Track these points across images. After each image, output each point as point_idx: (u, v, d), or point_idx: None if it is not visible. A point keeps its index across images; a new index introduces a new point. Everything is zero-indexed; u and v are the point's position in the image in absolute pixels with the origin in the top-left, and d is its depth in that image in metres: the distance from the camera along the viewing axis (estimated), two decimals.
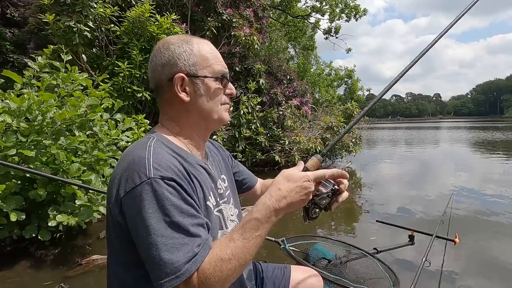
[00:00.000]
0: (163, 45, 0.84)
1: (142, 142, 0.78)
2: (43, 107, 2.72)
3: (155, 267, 0.64)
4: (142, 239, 0.65)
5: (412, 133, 24.28)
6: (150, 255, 0.64)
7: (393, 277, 1.54)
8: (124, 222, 0.69)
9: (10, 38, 6.54)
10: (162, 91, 0.85)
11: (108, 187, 0.76)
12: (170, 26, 4.73)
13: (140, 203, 0.65)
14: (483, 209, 4.37)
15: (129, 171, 0.69)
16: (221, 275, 0.66)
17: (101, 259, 2.82)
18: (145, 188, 0.66)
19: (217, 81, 0.84)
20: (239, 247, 0.69)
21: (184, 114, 0.85)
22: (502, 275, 2.59)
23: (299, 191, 0.75)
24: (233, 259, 0.67)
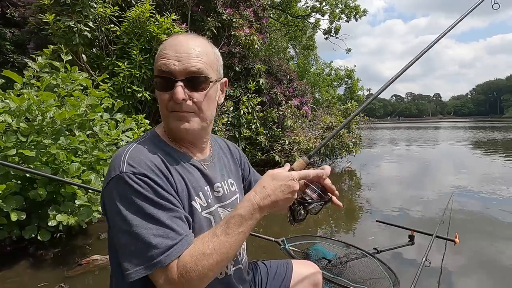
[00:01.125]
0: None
1: (136, 139, 0.84)
2: (42, 107, 2.72)
3: (127, 257, 0.65)
4: (116, 230, 0.68)
5: (412, 133, 24.27)
6: (122, 244, 0.66)
7: (393, 277, 1.54)
8: (105, 213, 0.74)
9: (10, 38, 6.54)
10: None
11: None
12: (170, 26, 4.72)
13: (114, 196, 0.68)
14: (483, 209, 4.37)
15: (109, 167, 0.74)
16: (202, 270, 0.66)
17: (101, 259, 2.82)
18: (118, 182, 0.69)
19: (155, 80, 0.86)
20: (222, 242, 0.69)
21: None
22: (502, 275, 2.59)
23: (284, 189, 0.75)
24: (215, 254, 0.67)
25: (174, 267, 0.66)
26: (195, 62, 0.77)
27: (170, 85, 0.78)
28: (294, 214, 0.84)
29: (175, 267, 0.66)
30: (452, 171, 7.63)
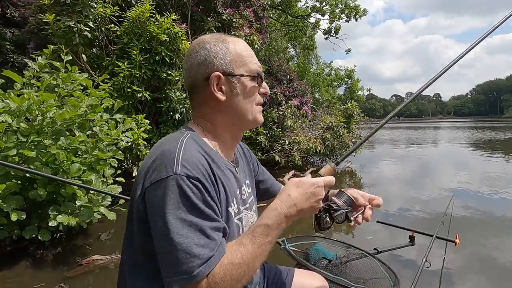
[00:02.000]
0: (198, 44, 0.82)
1: (175, 136, 0.77)
2: (43, 107, 2.72)
3: (168, 264, 0.63)
4: (159, 233, 0.64)
5: (412, 133, 24.27)
6: (165, 251, 0.64)
7: (393, 277, 1.53)
8: (144, 210, 0.69)
9: (10, 38, 6.54)
10: (197, 91, 0.82)
11: (135, 178, 0.77)
12: (170, 26, 4.72)
13: (163, 197, 0.64)
14: (483, 209, 4.37)
15: (158, 163, 0.68)
16: (231, 280, 0.64)
17: (101, 259, 2.82)
18: (170, 183, 0.65)
19: (253, 80, 0.82)
20: (249, 252, 0.67)
21: (219, 114, 0.82)
22: (502, 275, 2.59)
23: (309, 197, 0.74)
24: (243, 264, 0.66)
25: (205, 278, 0.64)
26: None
27: (259, 82, 0.83)
28: (320, 222, 0.82)
29: (205, 277, 0.64)
30: (452, 171, 7.63)
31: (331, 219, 0.82)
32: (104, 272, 2.69)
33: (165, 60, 4.85)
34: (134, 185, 0.76)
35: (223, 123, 0.83)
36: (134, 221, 0.73)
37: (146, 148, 4.50)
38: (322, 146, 7.48)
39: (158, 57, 4.75)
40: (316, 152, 7.43)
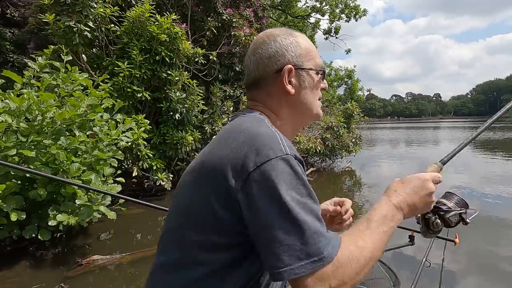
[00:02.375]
0: (268, 37, 0.80)
1: (258, 119, 0.73)
2: (43, 107, 2.72)
3: (287, 248, 0.55)
4: (272, 216, 0.57)
5: (412, 133, 24.27)
6: (281, 234, 0.56)
7: (393, 277, 1.53)
8: (245, 199, 0.59)
9: (10, 38, 6.55)
10: (264, 84, 0.79)
11: (208, 166, 0.66)
12: (170, 26, 4.73)
13: (276, 177, 0.58)
14: (483, 209, 4.37)
15: (258, 145, 0.61)
16: (355, 266, 0.59)
17: (101, 259, 2.82)
18: (282, 163, 0.59)
19: (319, 74, 0.82)
20: (368, 235, 0.64)
21: (285, 107, 0.80)
22: (502, 275, 2.59)
23: (418, 191, 0.72)
24: (366, 249, 0.61)
25: (331, 261, 0.58)
26: None
27: (323, 77, 0.84)
28: (429, 224, 0.76)
29: (331, 262, 0.57)
30: (451, 171, 7.63)
31: (442, 221, 0.76)
32: (104, 272, 2.69)
33: (165, 60, 4.85)
34: (197, 176, 0.68)
35: (288, 116, 0.81)
36: (203, 212, 0.64)
37: (146, 148, 4.50)
38: (322, 146, 7.48)
39: (158, 57, 4.75)
40: (316, 152, 7.44)
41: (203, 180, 0.66)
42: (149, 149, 4.58)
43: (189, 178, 0.71)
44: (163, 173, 4.81)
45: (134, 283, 2.55)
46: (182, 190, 0.73)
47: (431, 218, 0.76)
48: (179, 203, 0.73)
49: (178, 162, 5.35)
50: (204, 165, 0.67)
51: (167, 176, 4.88)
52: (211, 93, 5.97)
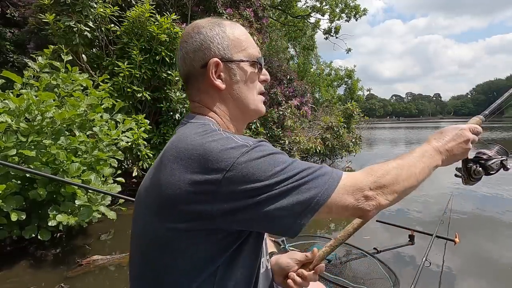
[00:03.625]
0: (193, 30, 0.74)
1: (200, 126, 0.67)
2: (42, 107, 2.72)
3: (301, 200, 0.57)
4: (263, 197, 0.56)
5: (412, 133, 24.28)
6: (285, 199, 0.56)
7: (393, 277, 1.54)
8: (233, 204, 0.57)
9: (10, 38, 6.55)
10: (195, 80, 0.74)
11: (165, 195, 0.60)
12: (170, 26, 4.72)
13: (251, 167, 0.56)
14: (483, 208, 4.37)
15: (216, 153, 0.58)
16: (398, 180, 0.64)
17: (101, 259, 2.82)
18: (249, 154, 0.57)
19: (253, 66, 0.76)
20: (407, 160, 0.69)
21: (220, 104, 0.74)
22: (502, 274, 2.59)
23: (455, 138, 0.75)
24: (404, 169, 0.67)
25: (360, 181, 0.61)
26: None
27: (260, 68, 0.78)
28: (471, 173, 0.82)
29: (362, 182, 0.61)
30: (452, 171, 7.62)
31: (484, 168, 0.81)
32: (104, 272, 2.69)
33: (165, 60, 4.85)
34: (154, 206, 0.63)
35: (225, 114, 0.75)
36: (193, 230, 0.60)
37: (146, 148, 4.50)
38: (322, 146, 7.48)
39: (158, 57, 4.75)
40: (316, 152, 7.44)
41: (166, 209, 0.60)
42: (149, 149, 4.58)
43: (144, 208, 0.66)
44: None
45: None
46: (141, 219, 0.68)
47: (473, 167, 0.81)
48: (141, 234, 0.67)
49: None
50: (162, 193, 0.60)
51: None
52: None
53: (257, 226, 0.60)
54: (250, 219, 0.58)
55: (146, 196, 0.67)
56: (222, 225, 0.58)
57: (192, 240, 0.60)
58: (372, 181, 0.62)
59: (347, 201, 0.60)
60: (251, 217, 0.57)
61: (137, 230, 0.69)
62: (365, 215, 0.62)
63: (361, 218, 0.65)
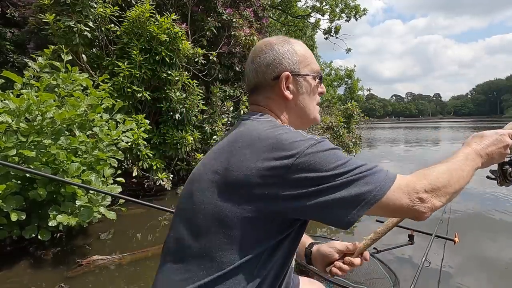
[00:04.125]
0: (265, 46, 0.84)
1: (269, 121, 0.77)
2: (42, 107, 2.72)
3: (359, 193, 0.61)
4: (328, 188, 0.62)
5: (412, 133, 24.27)
6: (345, 191, 0.61)
7: (393, 277, 1.54)
8: (298, 190, 0.62)
9: (10, 38, 6.55)
10: (263, 90, 0.83)
11: (238, 176, 0.65)
12: (170, 26, 4.73)
13: (318, 158, 0.63)
14: (482, 208, 4.37)
15: (287, 142, 0.65)
16: (448, 183, 0.67)
17: (101, 259, 2.82)
18: (316, 147, 0.65)
19: (315, 79, 0.86)
20: (451, 163, 0.72)
21: (285, 112, 0.84)
22: (502, 274, 2.59)
23: (495, 143, 0.78)
24: (449, 171, 0.70)
25: (415, 183, 0.64)
26: None
27: (320, 82, 0.88)
28: (506, 175, 0.86)
29: (417, 184, 0.64)
30: None
31: None
32: (104, 272, 2.69)
33: (165, 60, 4.85)
34: (224, 185, 0.67)
35: (287, 121, 0.84)
36: (252, 211, 0.64)
37: (146, 148, 4.51)
38: None
39: (158, 57, 4.75)
40: None
41: (234, 190, 0.66)
42: (149, 149, 4.58)
43: (211, 187, 0.70)
44: (163, 173, 4.81)
45: (134, 283, 2.55)
46: (200, 197, 0.71)
47: (508, 169, 0.86)
48: (197, 210, 0.70)
49: (178, 162, 5.35)
50: (233, 174, 0.66)
51: (167, 176, 4.88)
52: (211, 93, 5.97)
53: (314, 214, 0.65)
54: (310, 206, 0.62)
55: (209, 176, 0.71)
56: (283, 209, 0.64)
57: (252, 221, 0.65)
58: (427, 183, 0.65)
59: (403, 200, 0.63)
60: (312, 204, 0.62)
61: (190, 206, 0.73)
62: (420, 217, 0.65)
63: (414, 220, 0.67)
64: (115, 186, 3.02)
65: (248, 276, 0.66)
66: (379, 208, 0.62)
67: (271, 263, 0.68)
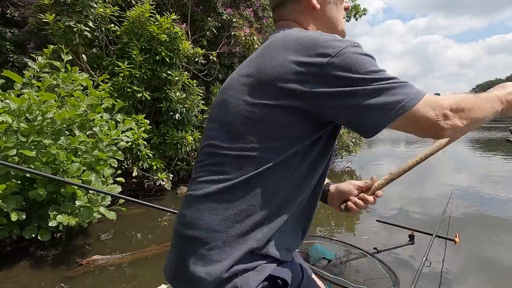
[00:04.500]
0: None
1: (301, 29, 0.78)
2: (43, 107, 2.72)
3: (389, 102, 0.61)
4: (360, 91, 0.62)
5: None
6: (376, 97, 0.62)
7: (393, 277, 1.53)
8: (327, 90, 0.63)
9: (10, 38, 6.55)
10: (290, 3, 0.83)
11: (271, 72, 0.66)
12: (170, 26, 4.73)
13: (353, 61, 0.63)
14: (483, 208, 4.37)
15: (325, 41, 0.65)
16: (470, 109, 0.66)
17: (101, 259, 2.82)
18: (353, 49, 0.64)
19: None
20: (472, 96, 0.70)
21: (312, 23, 0.83)
22: (502, 274, 2.59)
23: None
24: (472, 101, 0.68)
25: (442, 100, 0.64)
26: None
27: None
28: None
29: (444, 101, 0.64)
30: (451, 171, 7.63)
31: None
32: (104, 272, 2.69)
33: (165, 60, 4.85)
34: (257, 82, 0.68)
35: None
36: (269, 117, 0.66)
37: (146, 148, 4.50)
38: None
39: (158, 57, 4.75)
40: None
41: (267, 88, 0.66)
42: (149, 149, 4.58)
43: (244, 90, 0.70)
44: (163, 173, 4.81)
45: (134, 283, 2.55)
46: (233, 101, 0.72)
47: None
48: (231, 113, 0.71)
49: (178, 162, 5.35)
50: (266, 73, 0.67)
51: (167, 176, 4.88)
52: (211, 93, 5.97)
53: (344, 117, 0.65)
54: (340, 107, 0.63)
55: (241, 81, 0.72)
56: (315, 107, 0.64)
57: (285, 118, 0.65)
58: (453, 102, 0.65)
59: (429, 113, 0.63)
60: (343, 105, 0.63)
61: (223, 112, 0.74)
62: (441, 132, 0.65)
63: (434, 137, 0.67)
64: (115, 186, 3.02)
65: (281, 176, 0.68)
66: (405, 119, 0.63)
67: (305, 169, 0.70)
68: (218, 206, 0.67)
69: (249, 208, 0.66)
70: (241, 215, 0.66)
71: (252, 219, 0.66)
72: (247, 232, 0.66)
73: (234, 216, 0.66)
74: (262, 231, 0.67)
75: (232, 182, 0.67)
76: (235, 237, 0.65)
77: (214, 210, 0.67)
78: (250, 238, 0.66)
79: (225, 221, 0.66)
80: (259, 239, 0.66)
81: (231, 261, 0.64)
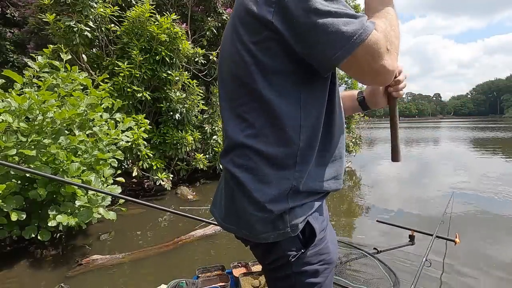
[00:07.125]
0: None
1: None
2: (44, 107, 2.72)
3: (336, 38, 0.63)
4: (313, 26, 0.63)
5: (412, 133, 24.28)
6: (326, 32, 0.62)
7: (393, 277, 1.54)
8: (284, 24, 0.65)
9: (10, 38, 6.55)
10: None
11: (238, 15, 0.75)
12: (170, 26, 4.72)
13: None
14: (483, 208, 4.37)
15: None
16: (389, 35, 0.69)
17: (101, 259, 2.81)
18: None
19: None
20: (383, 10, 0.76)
21: None
22: (503, 274, 2.58)
23: None
24: (390, 21, 0.74)
25: (378, 34, 0.65)
26: None
27: None
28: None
29: (378, 34, 0.65)
30: (451, 171, 7.63)
31: None
32: (104, 272, 2.69)
33: (165, 60, 4.85)
34: (233, 27, 0.76)
35: None
36: (254, 50, 0.70)
37: (146, 148, 4.50)
38: None
39: (158, 57, 4.75)
40: None
41: (243, 29, 0.72)
42: (149, 149, 4.58)
43: (232, 39, 0.77)
44: (163, 173, 4.81)
45: (134, 283, 2.55)
46: (229, 49, 0.78)
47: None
48: (232, 63, 0.77)
49: (178, 162, 5.35)
50: (242, 16, 0.73)
51: (167, 176, 4.87)
52: (211, 93, 5.97)
53: (304, 45, 0.66)
54: (300, 34, 0.64)
55: (231, 28, 0.78)
56: (282, 36, 0.66)
57: (270, 54, 0.69)
58: (388, 43, 0.68)
59: (382, 47, 0.66)
60: (302, 31, 0.64)
61: (226, 66, 0.80)
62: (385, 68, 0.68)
63: (379, 73, 0.69)
64: (115, 186, 3.02)
65: (293, 115, 0.71)
66: (360, 53, 0.64)
67: (315, 106, 0.72)
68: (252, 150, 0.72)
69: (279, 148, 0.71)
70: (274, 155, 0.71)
71: (284, 157, 0.71)
72: (285, 168, 0.70)
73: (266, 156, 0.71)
74: (298, 167, 0.71)
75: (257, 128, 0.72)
76: (276, 175, 0.70)
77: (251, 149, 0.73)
78: (289, 175, 0.70)
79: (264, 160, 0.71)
80: (297, 177, 0.70)
81: (276, 198, 0.69)
